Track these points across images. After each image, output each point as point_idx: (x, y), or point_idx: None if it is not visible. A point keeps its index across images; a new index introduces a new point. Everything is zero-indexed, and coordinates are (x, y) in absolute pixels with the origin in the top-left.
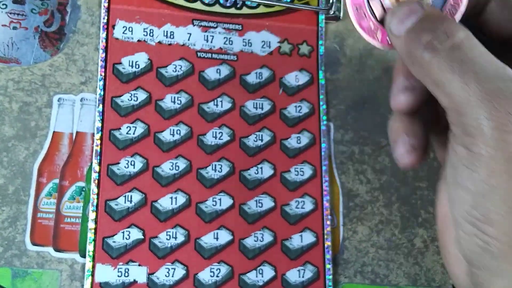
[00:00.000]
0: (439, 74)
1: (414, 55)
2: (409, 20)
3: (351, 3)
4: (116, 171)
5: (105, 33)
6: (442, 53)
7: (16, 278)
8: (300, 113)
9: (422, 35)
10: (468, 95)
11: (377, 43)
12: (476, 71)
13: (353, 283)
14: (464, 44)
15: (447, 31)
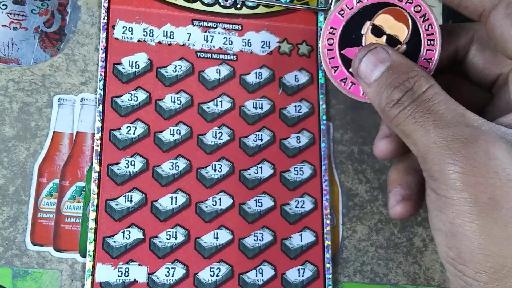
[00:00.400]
0: (405, 125)
1: (384, 108)
2: (377, 70)
3: (324, 49)
4: (116, 171)
5: (105, 33)
6: (407, 107)
7: (17, 278)
8: (299, 113)
9: (392, 93)
10: (429, 142)
11: (346, 92)
12: (435, 119)
13: (352, 282)
14: (427, 95)
15: (415, 85)
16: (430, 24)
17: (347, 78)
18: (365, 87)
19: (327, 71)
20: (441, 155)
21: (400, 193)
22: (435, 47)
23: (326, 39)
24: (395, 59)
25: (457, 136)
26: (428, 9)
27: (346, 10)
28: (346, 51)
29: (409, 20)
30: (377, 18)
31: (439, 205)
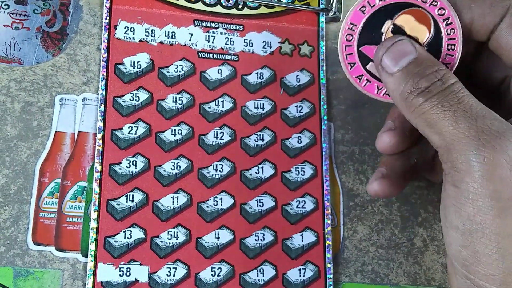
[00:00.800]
0: (431, 114)
1: (407, 97)
2: (403, 60)
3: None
4: (118, 170)
5: (107, 33)
6: (435, 96)
7: (18, 278)
8: (301, 113)
9: (419, 81)
10: (457, 132)
11: (361, 89)
12: (466, 109)
13: (353, 282)
14: (454, 87)
15: (443, 77)
16: (453, 28)
17: (363, 75)
18: (386, 76)
19: (344, 66)
20: (469, 146)
21: (381, 172)
22: (455, 52)
23: (344, 34)
24: (421, 52)
25: (488, 128)
26: (452, 13)
27: (368, 7)
28: (365, 48)
29: (431, 23)
30: (399, 18)
31: (459, 200)
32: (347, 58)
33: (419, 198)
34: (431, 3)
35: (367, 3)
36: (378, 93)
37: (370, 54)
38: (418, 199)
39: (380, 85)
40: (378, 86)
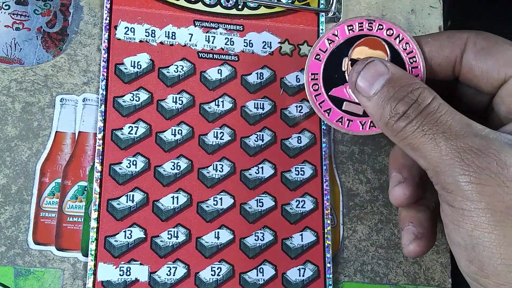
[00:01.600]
0: (413, 139)
1: (388, 122)
2: (377, 82)
3: (308, 74)
4: (118, 170)
5: (107, 33)
6: (414, 120)
7: (19, 277)
8: (300, 113)
9: (397, 106)
10: (440, 155)
11: (345, 131)
12: (445, 131)
13: (353, 282)
14: (433, 107)
15: (419, 97)
16: (407, 43)
17: (342, 117)
18: (364, 101)
19: (321, 116)
20: (454, 167)
21: (412, 231)
22: (418, 63)
23: (310, 85)
24: (394, 71)
25: (468, 147)
26: (400, 30)
27: (321, 53)
28: (333, 91)
29: (385, 45)
30: (354, 52)
31: (456, 218)
32: (321, 107)
33: None
34: (378, 29)
35: (319, 50)
36: (363, 128)
37: (341, 95)
38: None
39: (363, 120)
40: (361, 122)
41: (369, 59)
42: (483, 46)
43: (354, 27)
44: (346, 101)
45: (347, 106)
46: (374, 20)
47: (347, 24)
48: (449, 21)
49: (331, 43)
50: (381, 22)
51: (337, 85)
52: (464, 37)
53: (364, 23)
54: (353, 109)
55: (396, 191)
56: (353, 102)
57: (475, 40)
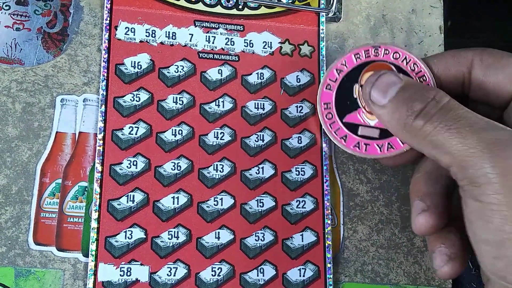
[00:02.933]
0: (435, 135)
1: (405, 123)
2: (391, 90)
3: (321, 101)
4: (119, 171)
5: (107, 34)
6: (435, 116)
7: (19, 278)
8: (301, 113)
9: (413, 104)
10: (468, 148)
11: (364, 155)
12: (471, 125)
13: (353, 282)
14: (451, 104)
15: (436, 96)
16: (414, 63)
17: (359, 142)
18: (378, 109)
19: (338, 143)
20: (483, 159)
21: (445, 252)
22: (429, 81)
23: (324, 115)
24: (406, 79)
25: (497, 139)
26: (406, 52)
27: (332, 83)
28: (347, 118)
29: (393, 68)
30: (363, 78)
31: (484, 213)
32: (337, 134)
33: None
34: (384, 54)
35: (329, 81)
36: (381, 151)
37: (355, 121)
38: None
39: (380, 143)
40: (378, 145)
41: (381, 71)
42: (490, 63)
43: (361, 55)
44: (361, 126)
45: (362, 131)
46: (379, 46)
47: (353, 53)
48: (449, 21)
49: (340, 72)
50: (386, 47)
51: (350, 112)
52: (469, 55)
53: (370, 50)
54: (369, 133)
55: (420, 219)
56: (369, 126)
57: (481, 58)
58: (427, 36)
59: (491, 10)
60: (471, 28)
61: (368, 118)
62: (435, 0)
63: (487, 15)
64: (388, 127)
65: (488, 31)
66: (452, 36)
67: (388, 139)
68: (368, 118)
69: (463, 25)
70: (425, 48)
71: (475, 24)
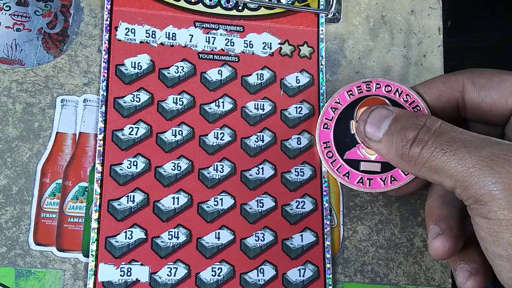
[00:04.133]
0: (433, 161)
1: (402, 153)
2: (384, 124)
3: (320, 141)
4: (119, 171)
5: (107, 34)
6: (429, 142)
7: (20, 278)
8: (300, 114)
9: (406, 133)
10: (467, 168)
11: (368, 190)
12: (466, 145)
13: (353, 282)
14: (445, 128)
15: (427, 122)
16: (407, 94)
17: (362, 178)
18: (375, 145)
19: (341, 180)
20: (484, 177)
21: (466, 269)
22: (423, 111)
23: (324, 154)
24: (397, 111)
25: (494, 154)
26: (397, 84)
27: (328, 122)
28: (348, 155)
29: (386, 101)
30: (358, 113)
31: (494, 229)
32: (339, 172)
33: (419, 198)
34: (376, 88)
35: (325, 120)
36: (385, 184)
37: (356, 157)
38: (417, 199)
39: (383, 176)
40: (381, 179)
41: (372, 107)
42: (483, 83)
43: (354, 91)
44: (362, 161)
45: (364, 166)
46: (370, 81)
47: (346, 90)
48: (449, 21)
49: (335, 110)
50: (377, 81)
51: (350, 148)
52: (460, 79)
53: (362, 85)
54: (371, 168)
55: (436, 244)
56: (370, 161)
57: (472, 80)
58: (426, 37)
59: (491, 10)
60: (471, 28)
61: (368, 153)
62: (434, 1)
63: (487, 15)
64: (388, 160)
65: (488, 31)
66: (452, 36)
67: (390, 172)
68: (368, 153)
69: (463, 25)
70: (424, 49)
71: (475, 24)
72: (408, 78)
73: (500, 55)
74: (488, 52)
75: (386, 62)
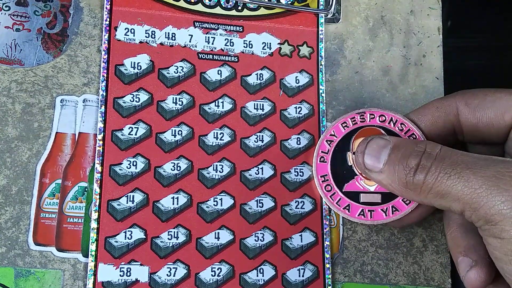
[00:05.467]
0: (439, 186)
1: (407, 182)
2: (383, 154)
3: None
4: (118, 171)
5: (107, 34)
6: (432, 168)
7: (19, 278)
8: (300, 114)
9: (408, 161)
10: (474, 190)
11: (370, 222)
12: (470, 167)
13: (352, 282)
14: (445, 152)
15: (427, 148)
16: (401, 123)
17: (363, 210)
18: (376, 176)
19: (342, 214)
20: (493, 197)
21: None
22: (419, 138)
23: (323, 187)
24: (395, 140)
25: (499, 172)
26: (391, 113)
27: (325, 155)
28: (347, 187)
29: (382, 131)
30: (354, 145)
31: (509, 249)
32: (340, 205)
33: None
34: (370, 118)
35: (322, 153)
36: (387, 215)
37: (355, 189)
38: None
39: (384, 207)
40: (382, 210)
41: (368, 139)
42: (477, 104)
43: (348, 123)
44: (362, 193)
45: (364, 198)
46: (364, 112)
47: (340, 122)
48: (449, 21)
49: (331, 143)
50: (371, 112)
51: (348, 180)
52: (452, 103)
53: (356, 116)
54: (371, 199)
55: (472, 276)
56: (370, 192)
57: (465, 101)
58: (426, 37)
59: (491, 10)
60: (471, 28)
61: (367, 184)
62: (434, 2)
63: (487, 15)
64: (391, 190)
65: (488, 31)
66: (451, 36)
67: (391, 202)
68: (367, 184)
69: (463, 25)
70: (424, 49)
71: (475, 24)
72: (407, 78)
73: (500, 55)
74: (488, 52)
75: (386, 62)
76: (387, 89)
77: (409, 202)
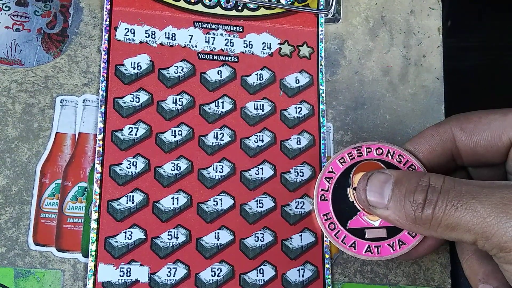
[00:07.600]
0: (448, 219)
1: (415, 218)
2: (386, 189)
3: (319, 214)
4: (118, 171)
5: (107, 35)
6: (439, 202)
7: (19, 278)
8: (300, 114)
9: (415, 197)
10: (483, 219)
11: (378, 259)
12: (475, 196)
13: (352, 282)
14: (449, 184)
15: (431, 181)
16: (399, 155)
17: (369, 246)
18: (382, 212)
19: (348, 252)
20: (503, 224)
21: None
22: (418, 169)
23: (326, 226)
24: (396, 173)
25: (506, 198)
26: (388, 146)
27: (325, 193)
28: (351, 224)
29: (380, 164)
30: (354, 180)
31: None
32: (345, 243)
33: None
34: (367, 152)
35: (322, 191)
36: (394, 250)
37: (359, 225)
38: None
39: (390, 242)
40: (389, 245)
41: (367, 174)
42: (472, 128)
43: (345, 159)
44: (366, 229)
45: (369, 234)
46: (360, 146)
47: (337, 159)
48: (449, 21)
49: (330, 180)
50: (367, 145)
51: (352, 217)
52: (447, 129)
53: (353, 151)
54: (376, 235)
55: None
56: (374, 228)
57: (460, 126)
58: (426, 37)
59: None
60: (471, 28)
61: (371, 219)
62: (434, 2)
63: (487, 15)
64: (398, 225)
65: (488, 31)
66: (451, 36)
67: (397, 236)
68: (371, 219)
69: (463, 25)
70: (424, 49)
71: (475, 24)
72: (407, 79)
73: (500, 55)
74: (488, 52)
75: (386, 62)
76: (387, 89)
77: (415, 234)
